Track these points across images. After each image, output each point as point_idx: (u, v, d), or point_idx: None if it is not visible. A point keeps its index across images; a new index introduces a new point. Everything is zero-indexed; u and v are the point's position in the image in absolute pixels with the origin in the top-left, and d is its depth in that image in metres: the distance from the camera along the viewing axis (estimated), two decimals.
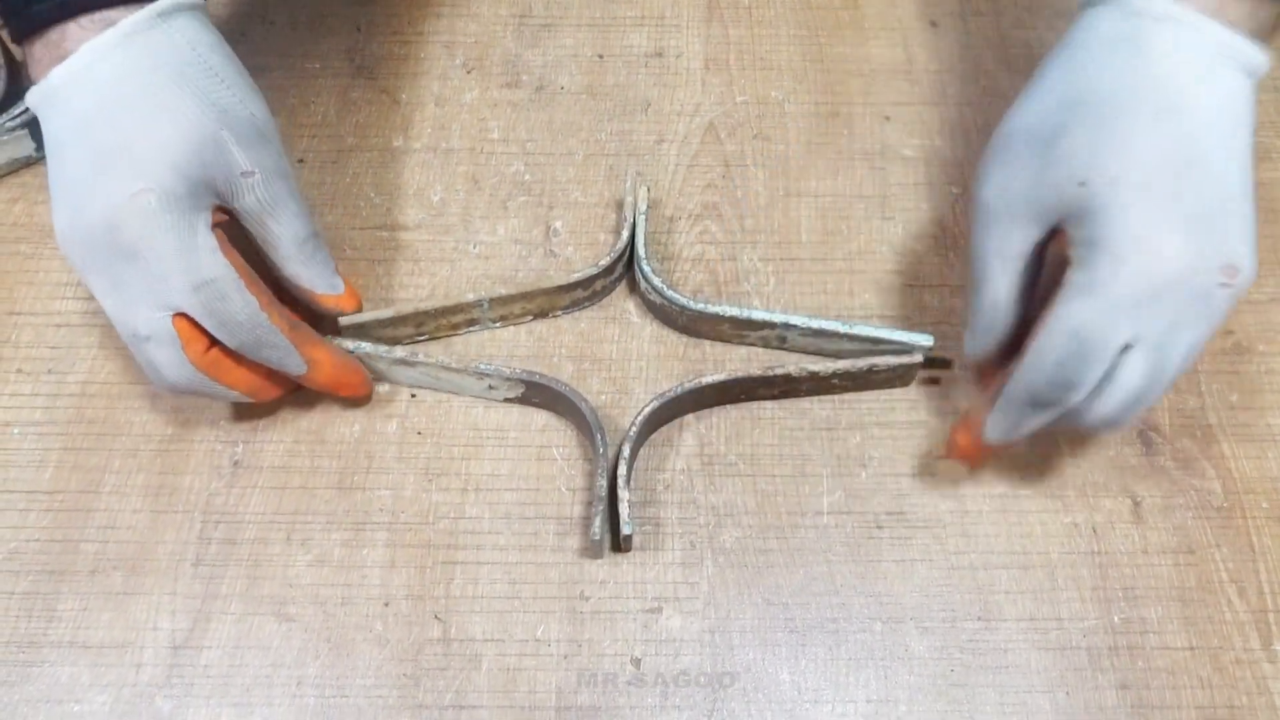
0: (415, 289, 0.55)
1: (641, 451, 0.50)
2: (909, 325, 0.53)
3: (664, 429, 0.51)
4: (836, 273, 0.56)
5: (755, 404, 0.52)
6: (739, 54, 0.63)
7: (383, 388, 0.52)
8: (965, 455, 0.47)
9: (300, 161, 0.59)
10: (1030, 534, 0.49)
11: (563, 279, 0.50)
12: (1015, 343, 0.46)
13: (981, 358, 0.47)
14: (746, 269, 0.55)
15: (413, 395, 0.50)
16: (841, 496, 0.50)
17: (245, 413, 0.52)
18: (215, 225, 0.46)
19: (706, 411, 0.52)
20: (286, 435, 0.51)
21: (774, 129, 0.60)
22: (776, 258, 0.56)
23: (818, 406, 0.52)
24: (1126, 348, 0.42)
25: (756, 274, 0.55)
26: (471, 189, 0.58)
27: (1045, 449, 0.51)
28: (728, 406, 0.52)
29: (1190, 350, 0.42)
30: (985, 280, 0.46)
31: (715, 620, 0.47)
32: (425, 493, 0.50)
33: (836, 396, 0.52)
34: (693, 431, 0.51)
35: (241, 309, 0.46)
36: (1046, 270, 0.46)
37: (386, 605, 0.48)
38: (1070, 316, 0.43)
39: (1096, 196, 0.43)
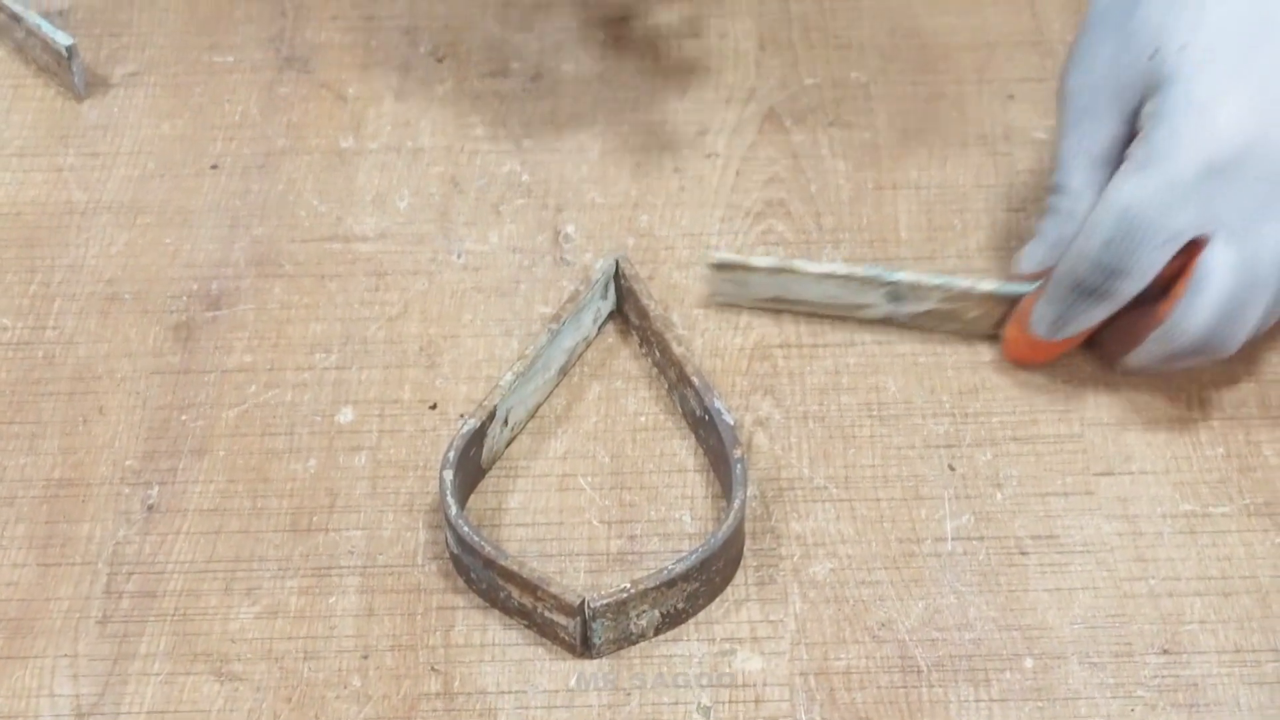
0: (383, 305, 0.79)
1: (689, 476, 0.74)
2: None
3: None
4: (949, 272, 0.80)
5: (847, 422, 0.74)
6: (804, 30, 0.90)
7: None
8: (1019, 353, 0.75)
9: (214, 168, 0.84)
10: (1230, 556, 0.71)
11: None
12: None
13: (1034, 276, 0.74)
14: None
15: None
16: (970, 520, 0.72)
17: (159, 452, 0.74)
18: None
19: (781, 430, 0.74)
20: (217, 475, 0.74)
21: (856, 114, 0.86)
22: (868, 258, 0.81)
23: (932, 422, 0.74)
24: (1200, 241, 0.68)
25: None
26: (450, 192, 0.83)
27: (1248, 459, 0.73)
28: (811, 423, 0.74)
29: None
30: (1064, 187, 0.73)
31: (809, 662, 0.68)
32: (409, 531, 0.72)
33: (958, 409, 0.75)
34: (765, 454, 0.73)
35: None
36: None
37: (365, 658, 0.68)
38: (1120, 194, 0.68)
39: (1165, 65, 0.69)
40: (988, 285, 0.77)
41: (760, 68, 0.90)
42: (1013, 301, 0.77)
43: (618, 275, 0.79)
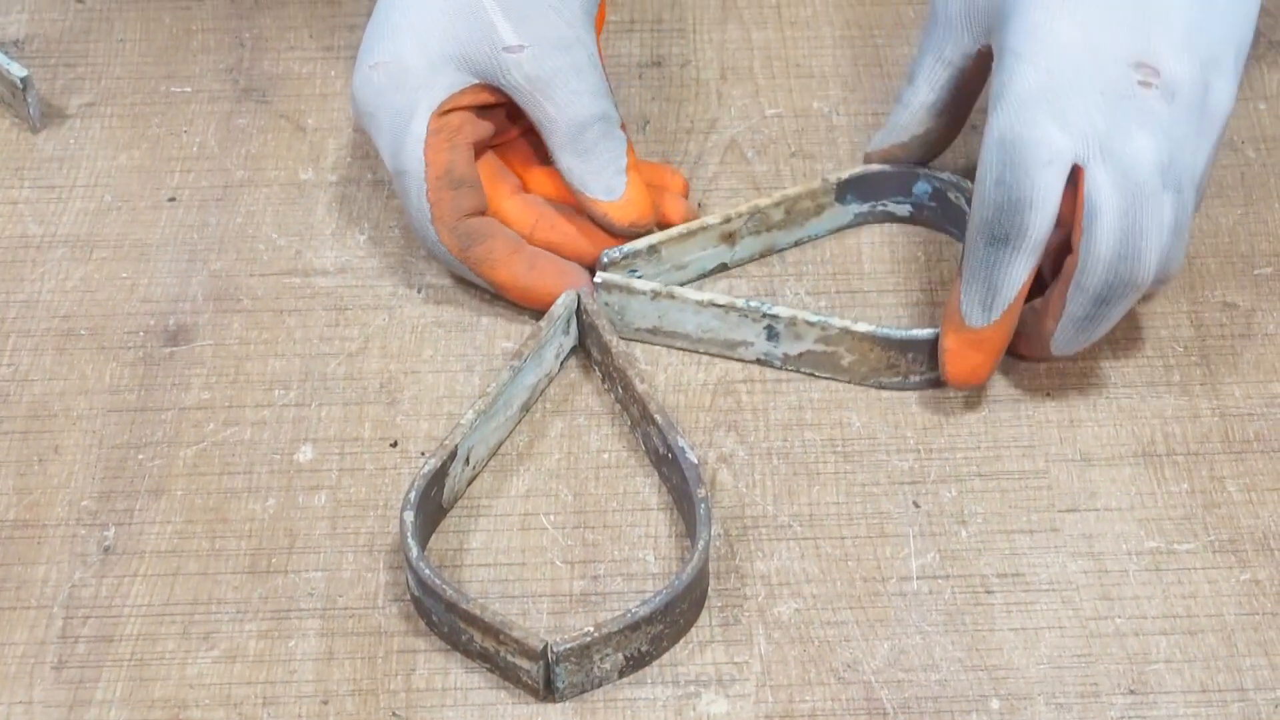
0: (343, 340, 0.77)
1: (652, 515, 0.73)
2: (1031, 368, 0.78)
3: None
4: (913, 305, 0.79)
5: (811, 459, 0.73)
6: (766, 60, 0.89)
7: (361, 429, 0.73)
8: (964, 363, 0.74)
9: (171, 200, 0.82)
10: (1195, 594, 0.70)
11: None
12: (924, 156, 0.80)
13: (880, 153, 0.80)
14: (791, 305, 0.78)
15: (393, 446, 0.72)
16: (935, 558, 0.71)
17: (116, 492, 0.72)
18: (479, 108, 0.76)
19: (745, 467, 0.73)
20: (175, 515, 0.72)
21: (819, 145, 0.85)
22: (830, 290, 0.79)
23: (896, 459, 0.73)
24: (1077, 168, 0.70)
25: (805, 310, 0.78)
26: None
27: (1212, 495, 0.73)
28: (775, 459, 0.73)
29: (1155, 162, 0.69)
30: (913, 79, 0.79)
31: (774, 705, 0.67)
32: (370, 572, 0.71)
33: (922, 445, 0.74)
34: (729, 491, 0.72)
35: (413, 214, 0.76)
36: None
37: (325, 703, 0.67)
38: (991, 130, 0.71)
39: (1009, 2, 0.72)
40: (863, 327, 0.76)
41: (722, 98, 0.89)
42: (890, 345, 0.76)
43: (579, 310, 0.78)
